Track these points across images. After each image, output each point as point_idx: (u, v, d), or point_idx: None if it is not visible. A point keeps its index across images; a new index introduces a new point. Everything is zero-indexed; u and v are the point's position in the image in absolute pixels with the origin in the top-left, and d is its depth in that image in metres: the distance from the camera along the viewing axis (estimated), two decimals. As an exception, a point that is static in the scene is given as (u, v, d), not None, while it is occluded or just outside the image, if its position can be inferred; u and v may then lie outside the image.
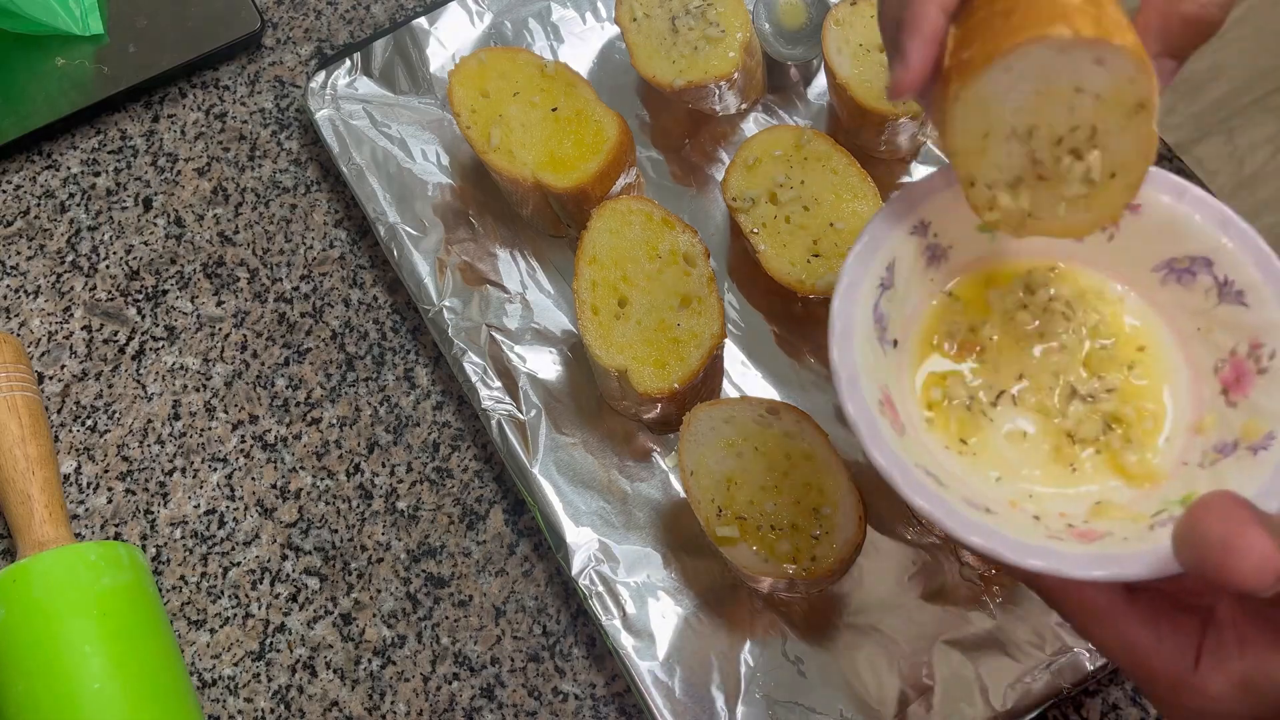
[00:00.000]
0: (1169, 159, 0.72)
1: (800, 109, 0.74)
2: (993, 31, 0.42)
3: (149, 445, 0.68)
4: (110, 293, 0.72)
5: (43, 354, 0.70)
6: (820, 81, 0.75)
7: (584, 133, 0.68)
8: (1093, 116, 0.44)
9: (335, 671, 0.62)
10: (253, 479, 0.67)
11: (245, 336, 0.70)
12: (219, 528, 0.66)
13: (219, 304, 0.71)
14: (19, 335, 0.70)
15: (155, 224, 0.74)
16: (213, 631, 0.63)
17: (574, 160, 0.67)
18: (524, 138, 0.68)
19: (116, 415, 0.68)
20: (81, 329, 0.71)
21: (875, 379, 0.45)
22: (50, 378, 0.69)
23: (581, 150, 0.67)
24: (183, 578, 0.65)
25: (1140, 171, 0.45)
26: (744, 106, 0.74)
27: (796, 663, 0.60)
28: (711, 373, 0.64)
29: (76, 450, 0.67)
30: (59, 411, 0.68)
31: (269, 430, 0.68)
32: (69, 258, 0.73)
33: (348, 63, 0.75)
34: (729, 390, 0.67)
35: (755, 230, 0.66)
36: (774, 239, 0.65)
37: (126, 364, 0.70)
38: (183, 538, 0.65)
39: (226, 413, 0.68)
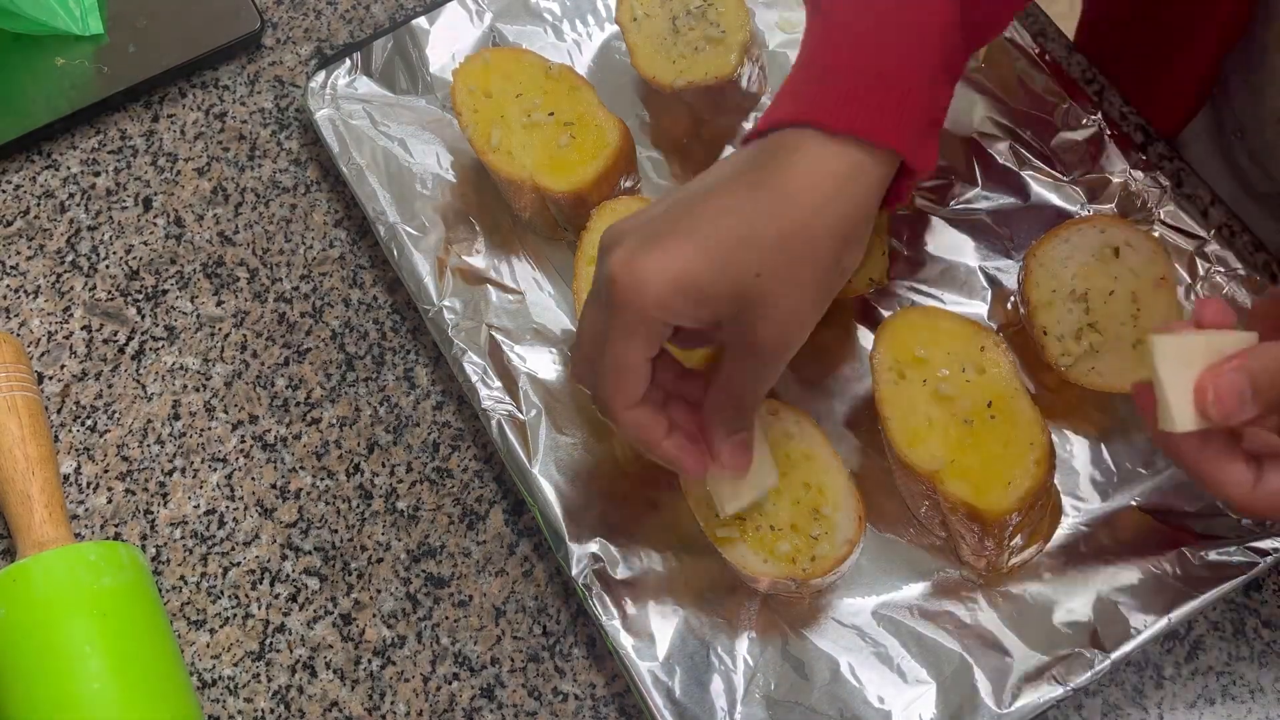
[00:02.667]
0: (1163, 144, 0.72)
1: (800, 109, 0.74)
2: None
3: (149, 445, 0.68)
4: (110, 293, 0.72)
5: (43, 354, 0.70)
6: (820, 81, 0.75)
7: (585, 137, 0.68)
8: (1131, 285, 0.63)
9: (335, 672, 0.62)
10: (253, 479, 0.67)
11: (245, 336, 0.70)
12: (219, 528, 0.66)
13: (219, 304, 0.71)
14: (19, 335, 0.70)
15: (155, 224, 0.74)
16: (213, 631, 0.63)
17: (573, 164, 0.67)
18: (524, 139, 0.68)
19: (116, 415, 0.68)
20: (81, 329, 0.71)
21: None
22: (50, 378, 0.69)
23: (581, 155, 0.67)
24: (183, 578, 0.65)
25: None
26: (745, 106, 0.74)
27: (796, 663, 0.60)
28: (711, 373, 0.64)
29: (76, 450, 0.67)
30: (59, 411, 0.68)
31: (269, 430, 0.68)
32: (69, 258, 0.72)
33: (347, 62, 0.75)
34: (729, 390, 0.67)
35: None
36: None
37: (126, 364, 0.70)
38: (183, 538, 0.65)
39: (226, 413, 0.68)
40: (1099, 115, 0.72)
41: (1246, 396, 0.47)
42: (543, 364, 0.68)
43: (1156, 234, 0.68)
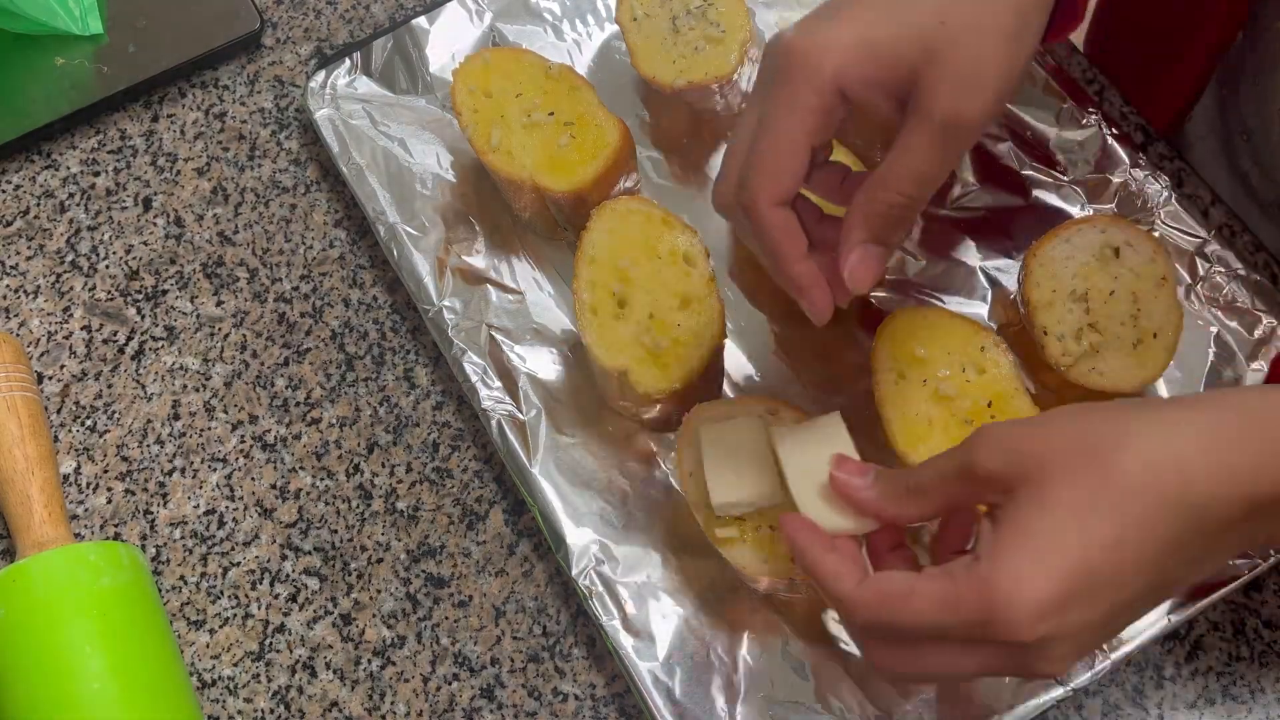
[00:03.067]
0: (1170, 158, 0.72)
1: (800, 109, 0.74)
2: None
3: (149, 445, 0.68)
4: (110, 293, 0.72)
5: (42, 354, 0.70)
6: (820, 81, 0.75)
7: (584, 137, 0.67)
8: (1131, 285, 0.63)
9: (335, 672, 0.62)
10: (252, 479, 0.67)
11: (245, 336, 0.70)
12: (219, 528, 0.66)
13: (219, 304, 0.71)
14: (19, 335, 0.70)
15: (155, 224, 0.74)
16: (213, 631, 0.63)
17: (573, 164, 0.67)
18: (524, 139, 0.68)
19: (116, 415, 0.68)
20: (81, 329, 0.71)
21: None
22: (50, 378, 0.69)
23: (581, 155, 0.67)
24: (183, 578, 0.65)
25: (1174, 335, 0.62)
26: (744, 106, 0.74)
27: (797, 663, 0.60)
28: (711, 373, 0.64)
29: (76, 450, 0.67)
30: (59, 411, 0.68)
31: (269, 430, 0.68)
32: (69, 258, 0.72)
33: (347, 62, 0.75)
34: (729, 390, 0.67)
35: None
36: None
37: (126, 364, 0.70)
38: (182, 538, 0.65)
39: (226, 413, 0.68)
40: (1099, 115, 0.72)
41: (869, 479, 0.50)
42: (543, 364, 0.68)
43: (1157, 234, 0.68)
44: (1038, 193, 0.71)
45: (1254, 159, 0.76)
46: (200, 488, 0.67)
